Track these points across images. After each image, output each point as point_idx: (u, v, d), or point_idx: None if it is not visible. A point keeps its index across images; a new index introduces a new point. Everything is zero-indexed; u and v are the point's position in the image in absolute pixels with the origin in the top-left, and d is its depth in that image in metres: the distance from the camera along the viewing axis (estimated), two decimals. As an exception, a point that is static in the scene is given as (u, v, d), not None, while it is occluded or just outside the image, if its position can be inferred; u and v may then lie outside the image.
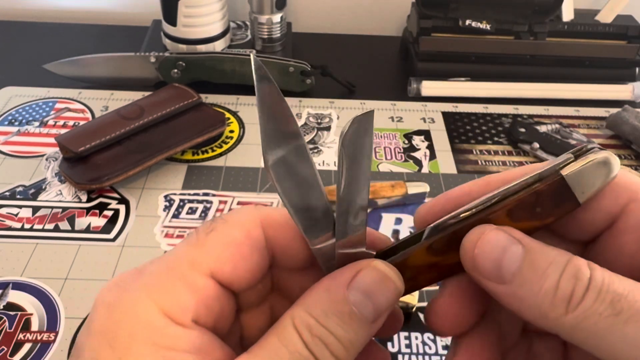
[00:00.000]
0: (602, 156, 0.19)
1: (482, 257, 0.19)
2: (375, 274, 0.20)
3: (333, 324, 0.19)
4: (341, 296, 0.19)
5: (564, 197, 0.19)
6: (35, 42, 0.73)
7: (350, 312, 0.19)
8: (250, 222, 0.22)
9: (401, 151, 0.58)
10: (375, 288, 0.20)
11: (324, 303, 0.19)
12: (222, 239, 0.21)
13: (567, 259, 0.18)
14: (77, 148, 0.49)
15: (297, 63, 0.63)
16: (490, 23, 0.65)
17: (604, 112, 0.65)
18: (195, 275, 0.20)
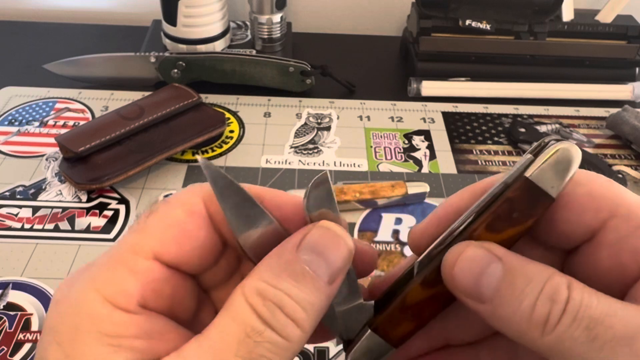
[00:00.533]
0: (559, 148, 0.19)
1: (461, 277, 0.19)
2: (324, 232, 0.19)
3: (287, 284, 0.18)
4: (292, 256, 0.19)
5: (536, 197, 0.19)
6: (35, 42, 0.73)
7: (303, 270, 0.18)
8: (191, 200, 0.21)
9: (401, 151, 0.58)
10: (326, 246, 0.19)
11: (275, 266, 0.19)
12: (162, 219, 0.20)
13: (546, 277, 0.18)
14: (77, 148, 0.49)
15: (297, 63, 0.63)
16: (490, 23, 0.65)
17: (604, 112, 0.65)
18: (136, 260, 0.19)
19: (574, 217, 0.20)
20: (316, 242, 0.19)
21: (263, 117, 0.61)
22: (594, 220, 0.19)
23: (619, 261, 0.19)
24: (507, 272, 0.18)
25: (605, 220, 0.19)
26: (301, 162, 0.55)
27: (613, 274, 0.19)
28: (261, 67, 0.63)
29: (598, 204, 0.19)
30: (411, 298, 0.21)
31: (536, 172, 0.19)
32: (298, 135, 0.59)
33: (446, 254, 0.20)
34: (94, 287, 0.18)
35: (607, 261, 0.19)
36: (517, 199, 0.19)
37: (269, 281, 0.18)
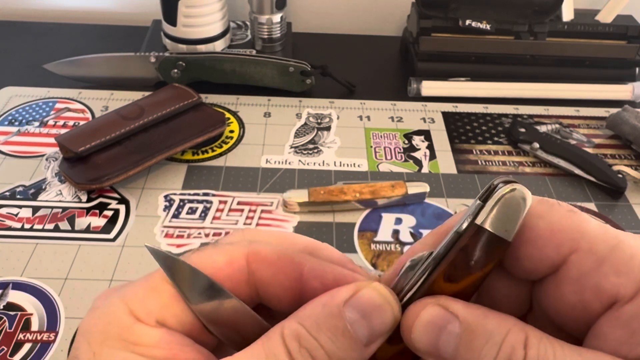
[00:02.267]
0: (508, 189, 0.19)
1: (419, 339, 0.19)
2: (375, 295, 0.19)
3: (325, 337, 0.18)
4: (337, 311, 0.19)
5: (490, 243, 0.19)
6: (35, 42, 0.73)
7: (344, 328, 0.19)
8: (235, 252, 0.22)
9: (401, 151, 0.58)
10: (373, 309, 0.19)
11: (318, 316, 0.19)
12: (201, 259, 0.21)
13: (504, 333, 0.18)
14: (77, 148, 0.49)
15: (297, 63, 0.63)
16: (490, 23, 0.65)
17: (604, 112, 0.65)
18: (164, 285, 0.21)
19: (536, 252, 0.19)
20: (365, 304, 0.19)
21: (263, 117, 0.61)
22: (555, 255, 0.19)
23: (582, 298, 0.19)
24: (464, 331, 0.18)
25: (566, 255, 0.19)
26: (301, 162, 0.55)
27: (577, 310, 0.19)
28: (261, 67, 0.63)
29: (558, 238, 0.19)
30: (380, 355, 0.21)
31: (487, 218, 0.19)
32: (298, 135, 0.59)
33: (403, 316, 0.20)
34: (123, 301, 0.20)
35: (570, 297, 0.19)
36: (471, 247, 0.19)
37: (310, 329, 0.19)
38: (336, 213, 0.50)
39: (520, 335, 0.18)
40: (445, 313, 0.19)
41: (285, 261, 0.21)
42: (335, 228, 0.48)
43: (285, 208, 0.50)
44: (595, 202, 0.53)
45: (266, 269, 0.21)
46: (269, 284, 0.21)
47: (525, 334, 0.18)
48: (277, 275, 0.21)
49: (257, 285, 0.22)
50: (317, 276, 0.21)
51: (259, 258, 0.21)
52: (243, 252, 0.22)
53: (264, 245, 0.22)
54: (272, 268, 0.21)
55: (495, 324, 0.18)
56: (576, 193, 0.54)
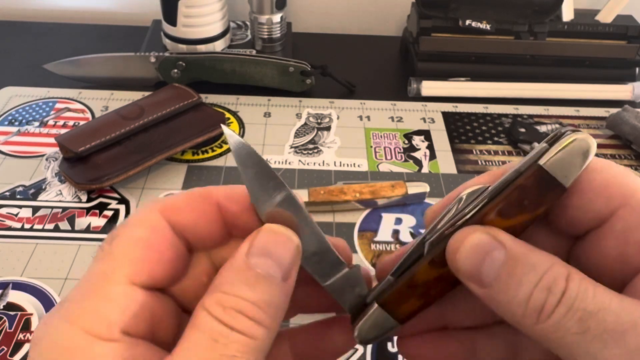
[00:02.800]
0: (575, 138, 0.19)
1: (464, 261, 0.20)
2: (268, 234, 0.20)
3: (242, 290, 0.19)
4: (243, 264, 0.20)
5: (548, 185, 0.19)
6: (35, 42, 0.73)
7: (255, 274, 0.19)
8: (149, 216, 0.21)
9: (401, 151, 0.58)
10: (273, 246, 0.20)
11: (229, 276, 0.20)
12: (127, 242, 0.20)
13: (547, 267, 0.18)
14: (77, 148, 0.49)
15: (297, 63, 0.63)
16: (490, 23, 0.65)
17: (604, 112, 0.65)
18: (110, 286, 0.19)
19: (585, 203, 0.20)
20: (263, 245, 0.20)
21: (263, 117, 0.61)
22: (604, 208, 0.19)
23: (624, 251, 0.19)
24: (509, 260, 0.19)
25: (615, 209, 0.19)
26: (301, 162, 0.55)
27: (617, 264, 0.19)
28: (261, 67, 0.63)
29: (610, 192, 0.19)
30: (419, 277, 0.21)
31: (550, 161, 0.19)
32: (298, 135, 0.59)
33: (451, 238, 0.20)
34: (70, 321, 0.18)
35: (613, 250, 0.19)
36: (528, 186, 0.20)
37: (226, 291, 0.19)
38: (336, 213, 0.50)
39: (563, 269, 0.18)
40: (493, 240, 0.19)
41: (196, 199, 0.22)
42: (335, 228, 0.49)
43: (285, 208, 0.50)
44: (595, 202, 0.53)
45: (186, 214, 0.22)
46: (195, 226, 0.22)
47: (568, 270, 0.18)
48: (198, 216, 0.22)
49: (185, 234, 0.22)
50: (232, 200, 0.22)
51: (175, 208, 0.22)
52: (156, 213, 0.21)
53: (170, 197, 0.22)
54: (191, 211, 0.22)
55: (539, 258, 0.19)
56: (576, 193, 0.54)
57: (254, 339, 0.19)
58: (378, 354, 0.39)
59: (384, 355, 0.39)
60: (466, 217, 0.20)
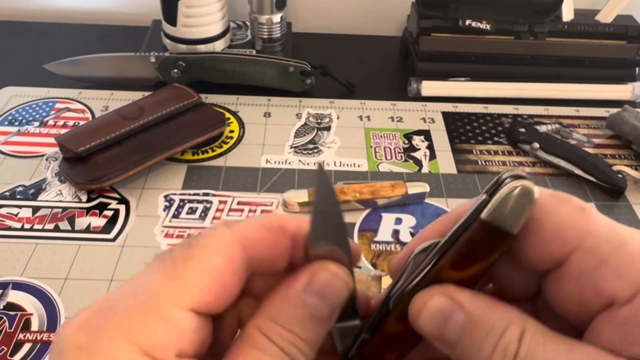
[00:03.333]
0: (514, 186, 0.19)
1: (426, 326, 0.20)
2: (327, 276, 0.21)
3: (297, 328, 0.20)
4: (300, 301, 0.20)
5: (495, 236, 0.20)
6: (35, 42, 0.73)
7: (309, 315, 0.20)
8: (229, 245, 0.21)
9: (401, 151, 0.58)
10: (328, 289, 0.21)
11: (286, 310, 0.20)
12: (202, 268, 0.20)
13: (504, 327, 0.19)
14: (77, 148, 0.49)
15: (297, 63, 0.63)
16: (490, 23, 0.65)
17: (604, 112, 0.65)
18: (175, 312, 0.19)
19: (540, 246, 0.20)
20: (321, 286, 0.21)
21: (263, 117, 0.61)
22: (558, 251, 0.19)
23: (581, 295, 0.19)
24: (468, 322, 0.19)
25: (569, 253, 0.19)
26: (301, 162, 0.55)
27: (577, 305, 0.19)
28: (261, 67, 0.63)
29: (563, 235, 0.19)
30: (390, 331, 0.22)
31: (491, 213, 0.19)
32: (298, 135, 0.59)
33: (412, 302, 0.21)
34: (129, 338, 0.18)
35: (571, 293, 0.19)
36: (476, 239, 0.20)
37: (284, 325, 0.20)
38: (336, 213, 0.50)
39: (517, 329, 0.19)
40: (452, 303, 0.20)
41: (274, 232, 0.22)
42: (335, 228, 0.49)
43: (285, 208, 0.50)
44: (595, 202, 0.53)
45: (261, 248, 0.22)
46: (266, 260, 0.22)
47: (522, 328, 0.19)
48: (272, 250, 0.22)
49: (254, 266, 0.22)
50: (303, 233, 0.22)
51: (252, 241, 0.21)
52: (236, 243, 0.21)
53: (246, 227, 0.22)
54: (266, 245, 0.22)
55: (497, 317, 0.19)
56: (576, 193, 0.54)
57: None
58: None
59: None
60: (422, 273, 0.21)
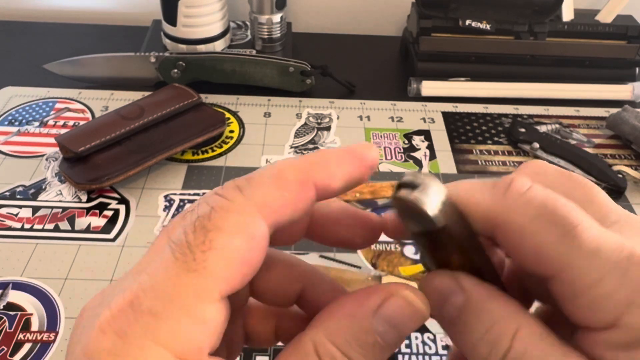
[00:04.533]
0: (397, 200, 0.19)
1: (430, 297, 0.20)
2: (404, 305, 0.19)
3: (357, 354, 0.18)
4: (367, 326, 0.19)
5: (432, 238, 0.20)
6: (35, 42, 0.73)
7: (374, 342, 0.19)
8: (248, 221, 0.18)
9: (401, 151, 0.58)
10: (403, 320, 0.19)
11: (348, 332, 0.19)
12: (224, 256, 0.18)
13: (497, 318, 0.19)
14: (77, 148, 0.49)
15: (297, 63, 0.63)
16: (490, 23, 0.65)
17: (604, 112, 0.65)
18: (203, 308, 0.17)
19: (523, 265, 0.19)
20: (394, 315, 0.19)
21: (263, 117, 0.61)
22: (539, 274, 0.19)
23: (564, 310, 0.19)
24: (465, 306, 0.19)
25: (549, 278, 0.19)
26: (301, 162, 0.55)
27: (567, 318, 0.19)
28: (261, 67, 0.63)
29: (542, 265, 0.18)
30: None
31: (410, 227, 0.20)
32: (298, 135, 0.59)
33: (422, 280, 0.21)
34: (160, 343, 0.17)
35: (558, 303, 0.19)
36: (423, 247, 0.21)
37: (342, 347, 0.18)
38: (336, 213, 0.50)
39: (511, 326, 0.19)
40: (454, 284, 0.20)
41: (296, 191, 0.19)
42: (335, 228, 0.49)
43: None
44: (595, 202, 0.53)
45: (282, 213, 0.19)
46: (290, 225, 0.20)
47: (517, 325, 0.19)
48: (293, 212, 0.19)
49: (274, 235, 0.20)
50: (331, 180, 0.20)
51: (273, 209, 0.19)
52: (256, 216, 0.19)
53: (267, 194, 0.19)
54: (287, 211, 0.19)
55: (493, 306, 0.19)
56: (576, 193, 0.54)
57: None
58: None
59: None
60: None
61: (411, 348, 0.40)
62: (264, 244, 0.19)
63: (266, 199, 0.19)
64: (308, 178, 0.19)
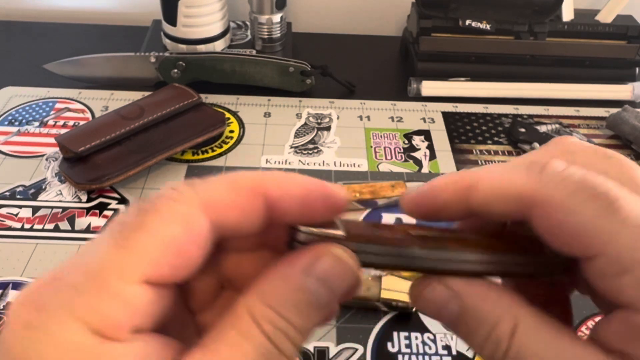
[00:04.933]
0: None
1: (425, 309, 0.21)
2: (335, 263, 0.19)
3: (292, 315, 0.18)
4: (300, 285, 0.19)
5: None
6: (35, 42, 0.73)
7: (308, 301, 0.19)
8: (190, 211, 0.18)
9: (401, 151, 0.58)
10: (336, 278, 0.19)
11: (281, 292, 0.19)
12: (155, 237, 0.18)
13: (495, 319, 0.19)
14: (77, 148, 0.49)
15: (297, 63, 0.63)
16: (490, 23, 0.65)
17: (604, 112, 0.65)
18: (125, 286, 0.17)
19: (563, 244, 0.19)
20: (326, 273, 0.19)
21: (263, 117, 0.61)
22: (582, 253, 0.18)
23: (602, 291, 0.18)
24: (462, 312, 0.20)
25: (592, 256, 0.18)
26: (301, 162, 0.55)
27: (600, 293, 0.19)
28: (261, 67, 0.63)
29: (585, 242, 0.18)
30: None
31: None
32: (298, 135, 0.59)
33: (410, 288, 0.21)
34: (76, 316, 0.16)
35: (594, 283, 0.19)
36: None
37: (277, 309, 0.18)
38: (336, 213, 0.50)
39: (508, 324, 0.19)
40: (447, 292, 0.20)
41: (246, 195, 0.19)
42: (335, 228, 0.49)
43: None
44: (595, 202, 0.53)
45: (229, 213, 0.19)
46: (235, 228, 0.19)
47: (514, 322, 0.19)
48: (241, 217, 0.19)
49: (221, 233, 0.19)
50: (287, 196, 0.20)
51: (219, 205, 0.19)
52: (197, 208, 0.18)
53: (214, 189, 0.19)
54: (235, 211, 0.19)
55: (489, 307, 0.19)
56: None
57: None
58: (378, 353, 0.39)
59: (383, 354, 0.39)
60: None
61: (411, 348, 0.40)
62: (202, 240, 0.18)
63: (213, 197, 0.19)
64: (259, 188, 0.19)
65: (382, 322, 0.41)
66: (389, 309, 0.42)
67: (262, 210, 0.20)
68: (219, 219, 0.19)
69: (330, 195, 0.20)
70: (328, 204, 0.20)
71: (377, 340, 0.40)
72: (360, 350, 0.39)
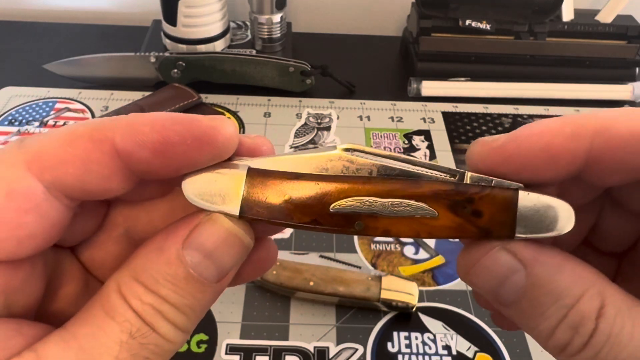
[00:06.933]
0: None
1: (478, 284, 0.17)
2: (215, 230, 0.17)
3: (165, 290, 0.16)
4: (174, 258, 0.16)
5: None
6: (35, 42, 0.73)
7: (186, 275, 0.16)
8: (11, 173, 0.16)
9: (401, 151, 0.58)
10: (216, 246, 0.17)
11: (155, 267, 0.16)
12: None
13: (577, 296, 0.16)
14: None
15: (297, 63, 0.63)
16: (490, 23, 0.65)
17: (604, 112, 0.65)
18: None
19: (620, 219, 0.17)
20: (206, 242, 0.17)
21: (263, 117, 0.61)
22: None
23: None
24: (531, 286, 0.16)
25: None
26: (301, 162, 0.55)
27: None
28: (261, 67, 0.63)
29: None
30: None
31: None
32: (298, 135, 0.59)
33: (462, 254, 0.18)
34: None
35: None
36: None
37: (148, 286, 0.16)
38: (336, 213, 0.50)
39: (594, 301, 0.15)
40: (512, 261, 0.16)
41: (83, 147, 0.16)
42: (335, 228, 0.48)
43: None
44: (595, 202, 0.53)
45: (61, 170, 0.16)
46: (81, 184, 0.17)
47: (601, 300, 0.15)
48: (81, 170, 0.16)
49: (67, 194, 0.17)
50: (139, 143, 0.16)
51: (45, 163, 0.16)
52: (22, 168, 0.16)
53: (43, 144, 0.16)
54: (68, 165, 0.16)
55: (568, 282, 0.16)
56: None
57: (171, 342, 0.16)
58: (378, 353, 0.39)
59: (383, 354, 0.39)
60: None
61: (411, 348, 0.40)
62: (31, 201, 0.16)
63: (42, 153, 0.16)
64: (102, 137, 0.16)
65: (382, 322, 0.42)
66: (389, 309, 0.42)
67: (117, 162, 0.17)
68: (55, 176, 0.16)
69: (202, 135, 0.16)
70: (203, 146, 0.16)
71: (377, 340, 0.40)
72: (360, 350, 0.39)
